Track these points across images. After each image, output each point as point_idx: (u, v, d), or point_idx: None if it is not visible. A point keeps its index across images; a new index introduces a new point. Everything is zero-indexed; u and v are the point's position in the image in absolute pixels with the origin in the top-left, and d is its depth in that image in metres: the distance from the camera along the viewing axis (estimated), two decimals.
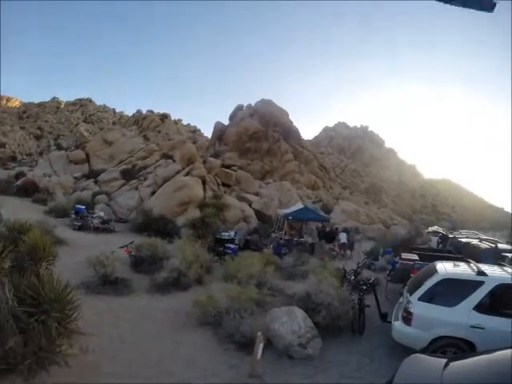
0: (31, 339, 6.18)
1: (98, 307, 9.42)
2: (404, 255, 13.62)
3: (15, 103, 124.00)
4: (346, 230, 24.16)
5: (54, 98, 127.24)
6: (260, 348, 6.60)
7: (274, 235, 23.75)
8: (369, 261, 17.11)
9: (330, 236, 24.00)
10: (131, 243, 14.33)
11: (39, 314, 6.31)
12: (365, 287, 9.79)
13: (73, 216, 22.82)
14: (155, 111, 75.55)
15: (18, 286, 6.63)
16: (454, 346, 7.21)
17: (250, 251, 16.50)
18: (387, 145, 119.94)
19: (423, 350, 6.83)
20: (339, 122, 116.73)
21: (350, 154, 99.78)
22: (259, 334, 6.77)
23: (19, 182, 34.57)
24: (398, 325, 7.91)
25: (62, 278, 7.51)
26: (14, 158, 78.99)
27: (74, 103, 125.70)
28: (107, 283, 10.96)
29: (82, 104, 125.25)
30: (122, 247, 14.00)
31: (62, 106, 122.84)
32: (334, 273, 11.12)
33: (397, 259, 14.11)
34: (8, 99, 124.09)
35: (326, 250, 21.54)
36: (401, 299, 9.17)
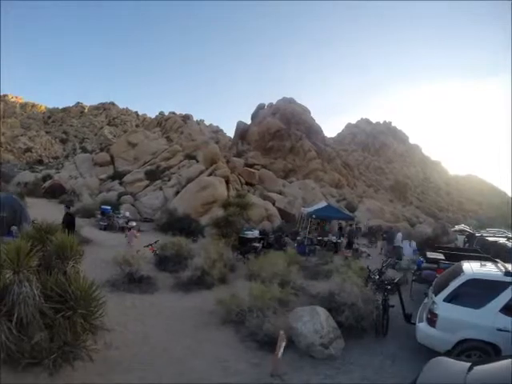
0: (57, 334, 6.37)
1: (123, 304, 9.56)
2: (429, 254, 13.36)
3: (40, 109, 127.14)
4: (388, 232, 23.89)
5: (78, 102, 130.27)
6: (282, 347, 6.53)
7: (301, 234, 23.53)
8: (393, 260, 16.81)
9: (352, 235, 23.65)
10: (156, 242, 14.50)
11: (65, 311, 6.49)
12: (389, 287, 9.55)
13: (99, 216, 23.34)
14: (177, 112, 76.35)
15: (45, 284, 6.83)
16: (478, 350, 6.91)
17: (273, 250, 16.47)
18: (411, 140, 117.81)
19: (447, 353, 6.64)
20: (362, 119, 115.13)
21: (373, 151, 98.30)
22: (281, 332, 6.70)
23: (46, 184, 35.55)
24: (422, 326, 7.67)
25: (88, 276, 7.64)
26: (40, 162, 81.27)
27: (97, 107, 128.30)
28: (132, 281, 11.10)
29: (105, 108, 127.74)
30: (147, 246, 14.16)
31: (86, 110, 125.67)
32: (359, 272, 10.89)
33: (422, 259, 13.85)
34: (33, 105, 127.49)
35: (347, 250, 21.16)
36: (426, 300, 8.95)
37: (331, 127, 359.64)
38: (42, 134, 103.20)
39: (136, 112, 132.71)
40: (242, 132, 63.72)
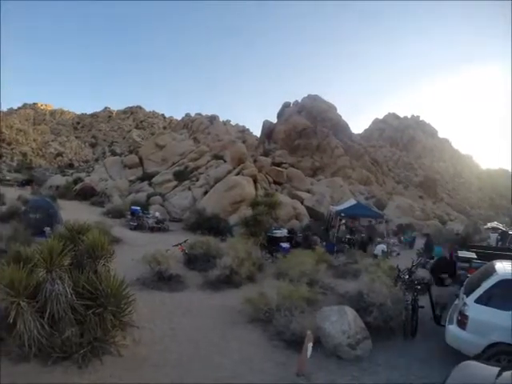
0: (87, 330, 6.58)
1: (152, 302, 9.67)
2: (461, 254, 12.99)
3: (69, 115, 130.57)
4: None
5: (106, 107, 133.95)
6: (309, 347, 6.44)
7: (331, 233, 23.26)
8: (424, 259, 16.39)
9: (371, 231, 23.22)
10: (185, 241, 14.62)
11: (96, 307, 6.69)
12: (419, 287, 9.27)
13: (129, 217, 23.80)
14: (203, 114, 76.86)
15: (77, 282, 7.04)
16: (509, 354, 6.56)
17: (302, 249, 16.37)
18: (441, 134, 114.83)
19: (476, 357, 6.36)
20: (389, 113, 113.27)
21: (402, 146, 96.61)
22: (309, 332, 6.61)
23: (78, 187, 36.46)
24: (451, 328, 7.34)
25: (119, 274, 7.80)
26: (71, 165, 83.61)
27: (124, 111, 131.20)
28: (161, 280, 11.23)
29: (132, 111, 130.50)
30: (176, 245, 14.30)
31: (114, 114, 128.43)
32: (388, 272, 10.67)
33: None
34: (62, 112, 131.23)
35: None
36: (456, 301, 8.51)
37: (358, 123, 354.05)
38: (71, 139, 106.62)
39: (163, 114, 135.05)
40: (269, 131, 63.74)
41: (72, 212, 21.13)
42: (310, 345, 6.46)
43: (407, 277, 9.95)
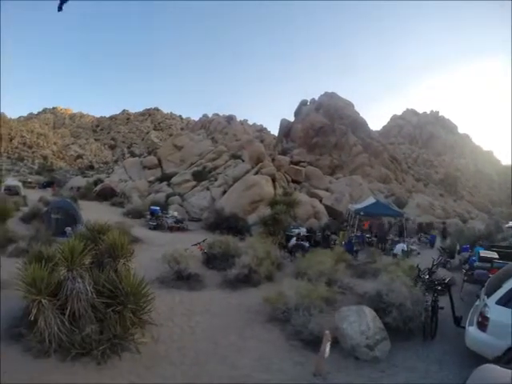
0: (107, 327, 6.71)
1: (171, 301, 9.74)
2: (482, 253, 12.70)
3: (88, 119, 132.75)
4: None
5: (124, 110, 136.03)
6: (327, 347, 6.38)
7: (350, 232, 23.04)
8: (444, 259, 16.07)
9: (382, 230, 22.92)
10: (204, 241, 14.67)
11: (116, 305, 6.86)
12: (439, 287, 9.00)
13: (148, 217, 24.04)
14: (220, 114, 77.12)
15: (97, 280, 7.22)
16: None
17: (321, 248, 16.28)
18: (461, 130, 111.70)
19: (496, 360, 6.07)
20: (408, 109, 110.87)
21: (421, 143, 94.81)
22: (327, 332, 6.54)
23: (98, 188, 37.00)
24: (472, 330, 7.06)
25: (138, 273, 7.95)
26: (91, 167, 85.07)
27: (142, 113, 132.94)
28: (181, 278, 11.28)
29: (150, 113, 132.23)
30: (195, 245, 14.35)
31: (132, 117, 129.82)
32: (408, 271, 10.44)
33: (474, 257, 13.16)
34: (81, 116, 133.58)
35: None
36: (477, 302, 8.26)
37: (376, 120, 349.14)
38: (91, 141, 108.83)
39: (180, 116, 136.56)
40: (286, 129, 63.59)
41: (92, 212, 21.41)
42: (328, 345, 6.40)
43: (427, 277, 9.77)
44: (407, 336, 8.10)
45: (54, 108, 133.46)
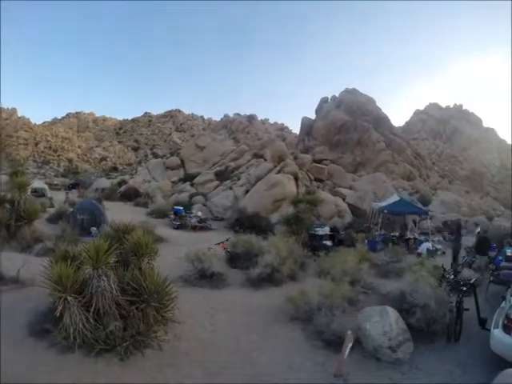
0: (130, 324, 6.87)
1: (194, 299, 9.81)
2: (510, 252, 12.35)
3: (111, 122, 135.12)
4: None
5: (146, 112, 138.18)
6: (348, 347, 6.30)
7: (375, 231, 22.73)
8: (470, 258, 15.62)
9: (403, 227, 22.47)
10: (227, 240, 14.75)
11: (139, 303, 6.99)
12: (465, 288, 8.66)
13: (172, 216, 24.28)
14: (241, 113, 77.22)
15: (122, 278, 7.36)
16: None
17: (344, 247, 16.15)
18: (485, 124, 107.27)
19: None
20: (430, 104, 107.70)
21: (445, 138, 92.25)
22: (349, 332, 6.44)
23: (122, 189, 37.59)
24: (496, 333, 6.82)
25: (162, 271, 8.01)
26: (115, 169, 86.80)
27: (164, 115, 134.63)
28: (204, 277, 11.37)
29: (171, 115, 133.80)
30: (218, 244, 14.43)
31: (154, 119, 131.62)
32: (432, 271, 10.21)
33: (501, 257, 12.77)
34: (104, 119, 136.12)
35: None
36: (503, 304, 7.99)
37: (399, 115, 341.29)
38: (114, 143, 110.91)
39: (201, 116, 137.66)
40: (308, 127, 63.39)
41: (117, 213, 21.77)
42: (350, 345, 6.32)
43: (452, 277, 9.51)
44: (431, 338, 7.90)
45: (77, 113, 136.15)
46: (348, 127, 56.99)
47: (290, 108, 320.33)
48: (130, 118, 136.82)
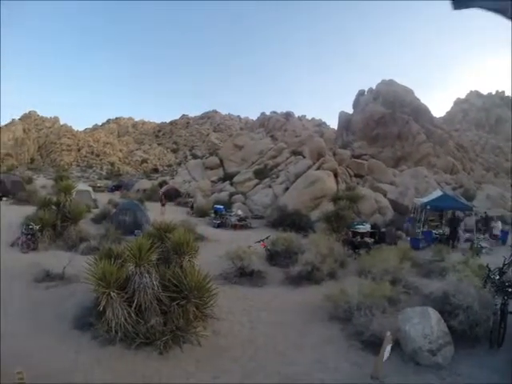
0: (170, 320, 7.11)
1: (234, 296, 9.93)
2: None
3: (150, 125, 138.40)
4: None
5: (183, 115, 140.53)
6: (387, 350, 6.12)
7: (417, 228, 22.05)
8: None
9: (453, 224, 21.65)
10: (267, 238, 14.73)
11: (180, 299, 7.22)
12: (510, 290, 8.13)
13: (212, 215, 24.61)
14: (278, 111, 77.07)
15: (163, 275, 7.61)
16: None
17: (386, 244, 15.85)
18: None
19: None
20: (471, 92, 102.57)
21: (489, 128, 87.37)
22: (388, 334, 6.26)
23: (163, 189, 38.21)
24: None
25: (203, 269, 8.20)
26: (156, 170, 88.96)
27: (201, 117, 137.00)
28: (244, 275, 11.48)
29: (208, 116, 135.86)
30: (258, 242, 14.45)
31: (191, 121, 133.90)
32: (477, 271, 9.82)
33: None
34: (143, 123, 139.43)
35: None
36: None
37: (438, 105, 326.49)
38: (154, 146, 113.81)
39: (238, 116, 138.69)
40: (346, 122, 62.52)
41: (158, 212, 22.18)
42: (389, 347, 6.16)
43: (497, 277, 9.05)
44: (472, 342, 7.49)
45: (117, 118, 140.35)
46: (386, 120, 55.63)
47: (327, 103, 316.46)
48: (168, 121, 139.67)
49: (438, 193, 23.53)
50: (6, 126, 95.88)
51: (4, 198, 27.88)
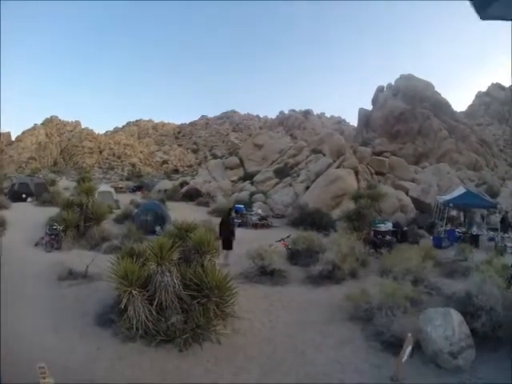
0: (191, 318, 7.20)
1: (254, 295, 9.95)
2: None
3: (169, 127, 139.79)
4: None
5: (202, 115, 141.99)
6: (408, 351, 6.04)
7: (440, 226, 21.66)
8: None
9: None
10: (288, 237, 14.71)
11: (201, 298, 7.36)
12: None
13: (233, 215, 24.47)
14: (296, 109, 76.77)
15: (184, 274, 7.75)
16: None
17: (408, 243, 15.66)
18: None
19: None
20: (493, 84, 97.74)
21: None
22: (409, 335, 6.16)
23: (184, 190, 38.57)
24: None
25: (223, 268, 8.14)
26: (176, 171, 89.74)
27: (220, 117, 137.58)
28: (264, 274, 11.47)
29: (227, 116, 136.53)
30: (279, 241, 14.45)
31: (210, 121, 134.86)
32: (501, 271, 9.52)
33: None
34: (163, 125, 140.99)
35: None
36: None
37: (459, 99, 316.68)
38: (174, 147, 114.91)
39: (257, 115, 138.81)
40: (365, 119, 61.77)
41: (179, 212, 22.42)
42: (409, 349, 6.07)
43: None
44: (494, 345, 7.23)
45: (137, 121, 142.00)
46: (407, 116, 54.64)
47: (346, 100, 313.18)
48: (187, 122, 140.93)
49: (461, 190, 23.03)
50: (28, 130, 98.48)
51: (28, 199, 28.47)
